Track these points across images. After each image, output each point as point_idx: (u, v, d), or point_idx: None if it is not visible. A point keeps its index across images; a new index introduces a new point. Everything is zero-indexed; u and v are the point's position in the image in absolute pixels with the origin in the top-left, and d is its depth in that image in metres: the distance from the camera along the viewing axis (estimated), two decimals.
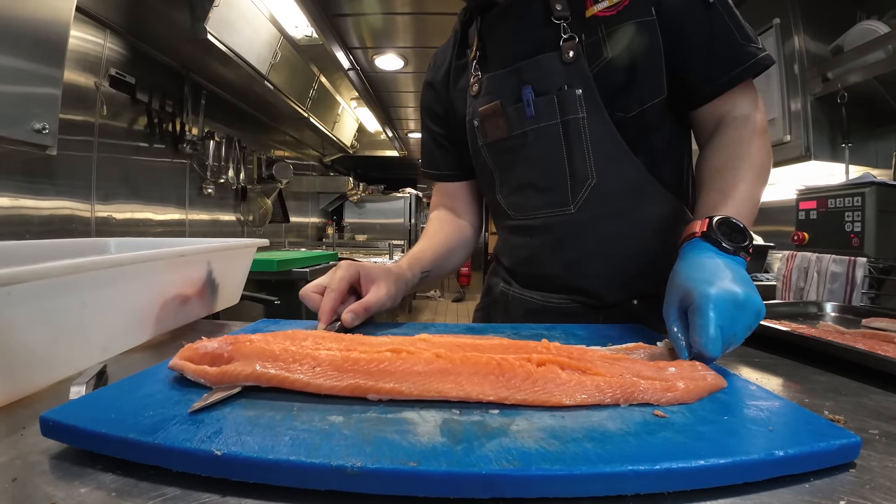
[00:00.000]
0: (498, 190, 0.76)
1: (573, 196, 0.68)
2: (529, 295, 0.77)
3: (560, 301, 0.73)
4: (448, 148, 0.86)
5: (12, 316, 0.39)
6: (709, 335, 0.41)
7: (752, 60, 0.63)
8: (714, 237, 0.50)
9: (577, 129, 0.66)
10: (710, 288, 0.43)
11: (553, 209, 0.70)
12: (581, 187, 0.68)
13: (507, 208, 0.76)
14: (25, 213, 1.49)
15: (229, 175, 2.65)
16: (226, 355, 0.39)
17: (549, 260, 0.73)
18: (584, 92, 0.64)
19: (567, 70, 0.64)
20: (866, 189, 1.29)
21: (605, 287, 0.70)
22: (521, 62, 0.68)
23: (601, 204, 0.68)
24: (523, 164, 0.71)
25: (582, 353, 0.42)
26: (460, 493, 0.26)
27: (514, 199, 0.75)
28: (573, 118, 0.65)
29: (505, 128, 0.70)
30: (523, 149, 0.70)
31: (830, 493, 0.26)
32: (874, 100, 1.58)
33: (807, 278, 1.39)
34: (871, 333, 0.62)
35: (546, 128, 0.67)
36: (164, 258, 0.60)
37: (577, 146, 0.66)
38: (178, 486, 0.27)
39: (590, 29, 0.64)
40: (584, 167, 0.67)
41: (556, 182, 0.69)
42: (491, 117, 0.71)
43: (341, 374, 0.36)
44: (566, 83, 0.65)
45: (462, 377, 0.36)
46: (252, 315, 1.82)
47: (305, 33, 2.39)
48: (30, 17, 1.15)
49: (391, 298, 0.62)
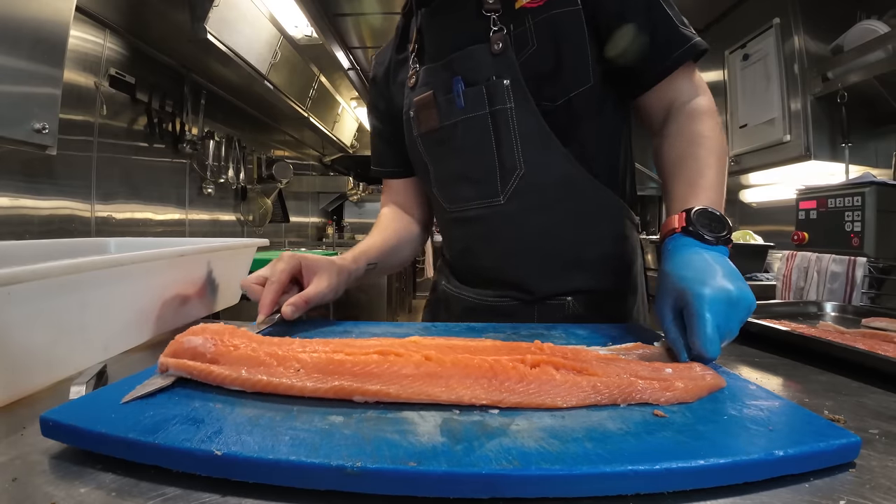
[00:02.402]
0: (433, 183, 0.77)
1: (502, 187, 0.69)
2: (466, 293, 0.78)
3: (494, 299, 0.74)
4: (393, 144, 0.86)
5: (12, 316, 0.39)
6: (707, 336, 0.41)
7: (689, 43, 0.64)
8: (694, 230, 0.50)
9: (504, 119, 0.67)
10: (703, 288, 0.43)
11: (483, 200, 0.71)
12: (510, 178, 0.68)
13: (442, 201, 0.77)
14: (25, 213, 1.49)
15: (229, 175, 2.65)
16: (208, 355, 0.38)
17: (482, 252, 0.74)
18: (511, 82, 0.65)
19: (495, 61, 0.66)
20: (866, 189, 1.29)
21: (535, 280, 0.71)
22: (453, 54, 0.69)
23: (530, 195, 0.68)
24: (455, 156, 0.72)
25: (576, 354, 0.42)
26: (460, 493, 0.26)
27: (447, 192, 0.75)
28: (501, 108, 0.66)
29: (436, 118, 0.71)
30: (454, 140, 0.71)
31: (830, 493, 0.26)
32: (874, 100, 1.58)
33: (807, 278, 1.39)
34: (871, 333, 0.62)
35: (475, 118, 0.68)
36: (164, 258, 0.60)
37: (505, 137, 0.67)
38: (178, 486, 0.27)
39: (518, 20, 0.66)
40: (513, 158, 0.67)
41: (486, 173, 0.69)
42: (424, 108, 0.72)
43: (326, 376, 0.36)
44: (494, 74, 0.66)
45: (453, 380, 0.35)
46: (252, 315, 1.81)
47: (305, 33, 2.39)
48: (30, 17, 1.15)
49: (332, 290, 0.63)
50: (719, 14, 2.21)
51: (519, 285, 0.72)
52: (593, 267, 0.71)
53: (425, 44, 0.75)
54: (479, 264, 0.75)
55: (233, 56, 1.98)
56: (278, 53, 2.31)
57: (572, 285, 0.71)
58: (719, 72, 2.20)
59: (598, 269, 0.72)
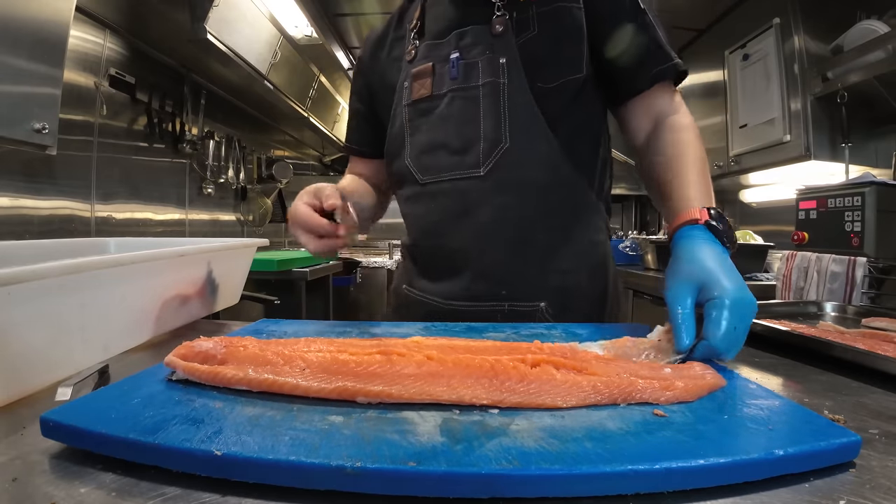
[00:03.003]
0: (407, 153, 0.76)
1: (484, 158, 0.69)
2: (430, 296, 0.75)
3: (460, 303, 0.72)
4: (370, 122, 0.87)
5: (12, 316, 0.39)
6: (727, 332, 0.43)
7: (672, 62, 0.69)
8: (716, 227, 0.52)
9: (496, 93, 0.69)
10: (732, 285, 0.46)
11: (462, 171, 0.70)
12: (493, 150, 0.69)
13: (415, 170, 0.75)
14: (25, 213, 1.49)
15: (229, 175, 2.65)
16: (219, 356, 0.39)
17: (453, 229, 0.72)
18: (507, 61, 0.68)
19: (495, 41, 0.69)
20: (866, 189, 1.29)
21: (504, 267, 0.70)
22: (455, 31, 0.72)
23: (511, 170, 0.68)
24: (438, 125, 0.73)
25: (576, 353, 0.42)
26: (460, 493, 0.26)
27: (423, 160, 0.74)
28: (494, 82, 0.69)
29: (429, 87, 0.73)
30: (441, 109, 0.72)
31: (830, 493, 0.26)
32: (874, 100, 1.58)
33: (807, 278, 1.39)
34: (871, 333, 0.62)
35: (467, 89, 0.70)
36: (164, 258, 0.60)
37: (493, 110, 0.69)
38: (178, 486, 0.27)
39: (521, 9, 0.69)
40: (499, 131, 0.69)
41: (469, 143, 0.70)
42: (420, 77, 0.75)
43: (330, 376, 0.36)
44: (492, 52, 0.69)
45: (454, 380, 0.35)
46: (252, 315, 1.82)
47: (305, 33, 2.39)
48: (30, 17, 1.15)
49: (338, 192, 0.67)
50: (719, 14, 2.21)
51: (486, 274, 0.70)
52: (567, 262, 0.71)
53: (427, 23, 0.78)
54: (447, 245, 0.73)
55: (233, 56, 1.98)
56: (278, 53, 2.31)
57: (546, 283, 0.70)
58: (719, 72, 2.20)
59: (572, 265, 0.71)
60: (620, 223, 3.60)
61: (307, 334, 0.54)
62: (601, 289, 0.75)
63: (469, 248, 0.71)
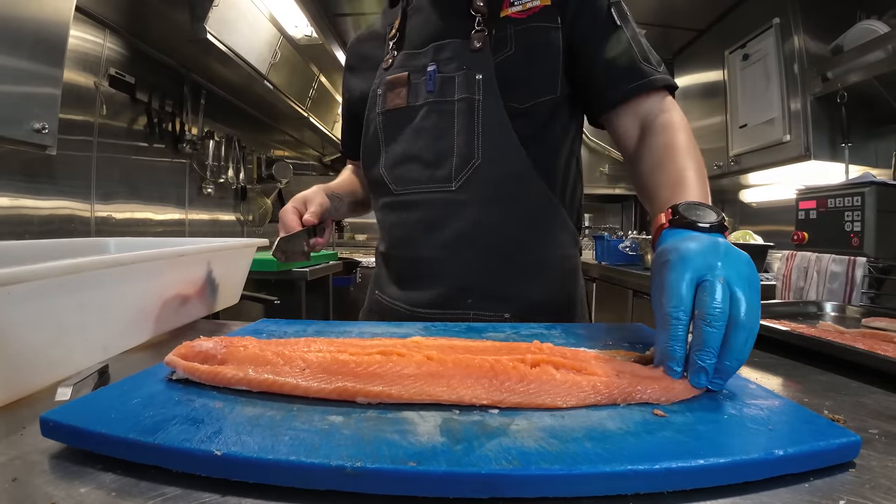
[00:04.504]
0: (382, 163, 0.77)
1: (456, 173, 0.70)
2: (400, 303, 0.76)
3: (427, 312, 0.72)
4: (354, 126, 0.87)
5: (12, 316, 0.39)
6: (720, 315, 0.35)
7: (647, 78, 0.68)
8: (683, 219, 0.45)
9: (471, 109, 0.69)
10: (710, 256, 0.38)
11: (435, 185, 0.71)
12: (465, 165, 0.69)
13: (388, 181, 0.76)
14: (25, 213, 1.49)
15: (229, 175, 2.65)
16: (219, 356, 0.39)
17: (424, 239, 0.73)
18: (483, 77, 0.69)
19: (472, 56, 0.70)
20: (866, 189, 1.29)
21: (471, 278, 0.70)
22: (434, 43, 0.73)
23: (482, 186, 0.69)
24: (412, 137, 0.73)
25: (575, 353, 0.42)
26: (460, 493, 0.26)
27: (396, 172, 0.75)
28: (469, 98, 0.69)
29: (405, 98, 0.74)
30: (416, 121, 0.73)
31: (830, 493, 0.26)
32: (874, 100, 1.58)
33: (806, 278, 1.39)
34: (871, 333, 0.62)
35: (442, 103, 0.71)
36: (164, 258, 0.60)
37: (468, 125, 0.69)
38: (178, 486, 0.27)
39: (500, 26, 0.70)
40: (472, 147, 0.69)
41: (441, 157, 0.71)
42: (395, 86, 0.75)
43: (330, 376, 0.36)
44: (469, 67, 0.70)
45: (454, 380, 0.35)
46: (252, 315, 1.82)
47: (305, 33, 2.39)
48: (30, 17, 1.15)
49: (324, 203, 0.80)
50: (719, 14, 2.21)
51: (453, 284, 0.71)
52: (532, 275, 0.72)
53: (406, 32, 0.78)
54: (418, 255, 0.74)
55: (233, 56, 1.98)
56: (278, 53, 2.31)
57: (511, 294, 0.71)
58: (719, 72, 2.20)
59: (538, 278, 0.73)
60: (620, 223, 3.61)
61: (307, 334, 0.54)
62: (567, 301, 0.76)
63: (438, 259, 0.72)
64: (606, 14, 0.69)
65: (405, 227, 0.75)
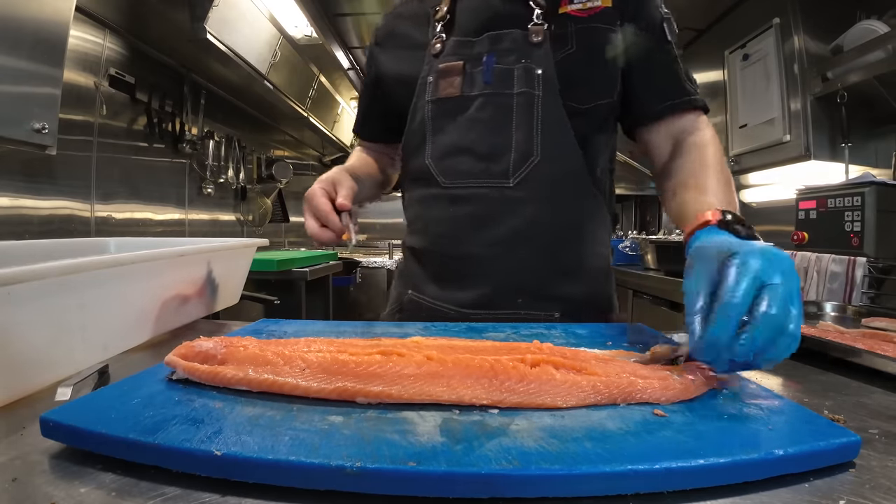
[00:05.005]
0: (428, 153, 0.74)
1: (514, 170, 0.68)
2: (442, 304, 0.73)
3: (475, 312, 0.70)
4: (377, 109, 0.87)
5: (12, 316, 0.39)
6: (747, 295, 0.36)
7: (688, 97, 0.71)
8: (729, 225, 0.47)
9: (530, 104, 0.68)
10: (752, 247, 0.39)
11: (490, 179, 0.69)
12: (524, 162, 0.68)
13: (436, 173, 0.73)
14: (25, 213, 1.49)
15: (229, 175, 2.65)
16: (219, 356, 0.39)
17: (473, 236, 0.70)
18: (544, 73, 0.67)
19: (532, 49, 0.68)
20: (866, 189, 1.29)
21: (523, 276, 0.69)
22: (490, 33, 0.70)
23: (540, 184, 0.68)
24: (465, 128, 0.71)
25: (575, 353, 0.42)
26: (460, 493, 0.26)
27: (446, 163, 0.72)
28: (528, 93, 0.68)
29: (459, 87, 0.71)
30: (469, 112, 0.71)
31: (830, 493, 0.26)
32: (874, 100, 1.58)
33: (806, 278, 1.39)
34: (871, 333, 0.62)
35: (499, 96, 0.69)
36: (164, 258, 0.60)
37: (526, 121, 0.68)
38: (178, 486, 0.27)
39: (559, 23, 0.69)
40: (531, 143, 0.68)
41: (498, 152, 0.69)
42: (448, 75, 0.72)
43: (330, 376, 0.36)
44: (529, 60, 0.68)
45: (454, 380, 0.35)
46: (252, 315, 1.81)
47: (305, 33, 2.38)
48: (30, 17, 1.15)
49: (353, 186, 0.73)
50: (719, 14, 2.21)
51: (504, 283, 0.69)
52: (580, 273, 0.72)
53: (457, 17, 0.75)
54: (465, 252, 0.71)
55: (233, 56, 1.98)
56: (278, 53, 2.31)
57: (561, 292, 0.70)
58: (719, 72, 2.20)
59: (585, 276, 0.73)
60: (620, 223, 3.60)
61: (307, 334, 0.54)
62: (607, 300, 0.77)
63: (488, 257, 0.70)
64: (659, 28, 0.70)
65: (452, 223, 0.72)
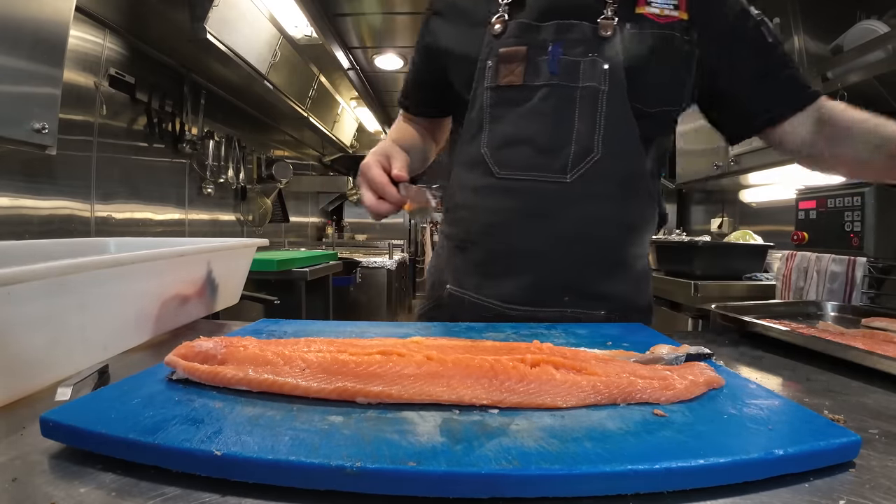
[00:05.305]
0: (485, 142, 0.71)
1: (573, 165, 0.66)
2: (486, 298, 0.71)
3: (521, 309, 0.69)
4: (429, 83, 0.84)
5: (12, 316, 0.39)
6: None
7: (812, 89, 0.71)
8: None
9: (594, 99, 0.66)
10: None
11: (547, 173, 0.67)
12: (583, 158, 0.66)
13: (491, 162, 0.70)
14: (25, 213, 1.49)
15: (229, 175, 2.65)
16: (219, 356, 0.39)
17: (523, 229, 0.69)
18: (611, 68, 0.65)
19: (601, 43, 0.66)
20: (866, 189, 1.29)
21: (572, 274, 0.68)
22: (559, 20, 0.67)
23: (598, 181, 0.67)
24: (526, 118, 0.68)
25: (575, 353, 0.42)
26: (460, 493, 0.26)
27: (502, 154, 0.70)
28: (593, 87, 0.66)
29: (521, 75, 0.68)
30: (531, 102, 0.68)
31: (830, 493, 0.26)
32: (874, 100, 1.58)
33: (806, 278, 1.39)
34: (871, 333, 0.62)
35: (564, 88, 0.66)
36: (164, 258, 0.60)
37: (589, 116, 0.66)
38: (178, 486, 0.27)
39: (634, 22, 0.67)
40: (592, 139, 0.66)
41: (558, 145, 0.67)
42: (510, 61, 0.69)
43: (330, 376, 0.36)
44: (597, 54, 0.66)
45: (454, 380, 0.35)
46: (252, 315, 1.81)
47: (305, 33, 2.39)
48: (30, 17, 1.15)
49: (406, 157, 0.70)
50: None
51: (552, 279, 0.68)
52: (627, 272, 0.72)
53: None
54: (513, 244, 0.69)
55: (233, 56, 1.98)
56: (278, 53, 2.31)
57: (608, 292, 0.70)
58: None
59: (631, 275, 0.73)
60: None
61: (307, 334, 0.54)
62: (648, 300, 0.77)
63: (537, 251, 0.68)
64: (757, 33, 0.69)
65: (503, 214, 0.70)
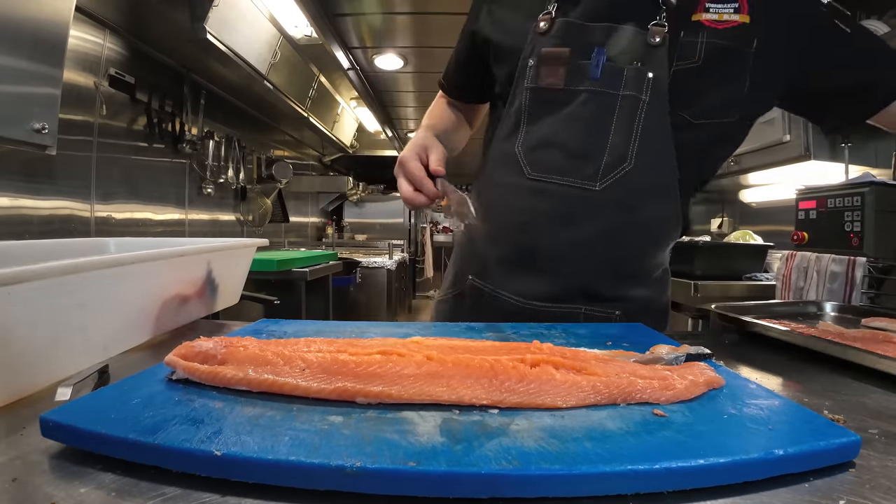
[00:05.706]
0: (519, 141, 0.71)
1: (604, 174, 0.66)
2: (507, 294, 0.72)
3: (538, 304, 0.70)
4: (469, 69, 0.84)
5: (12, 316, 0.39)
6: None
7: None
8: None
9: (633, 109, 0.64)
10: None
11: (577, 179, 0.67)
12: (615, 167, 0.65)
13: (524, 163, 0.70)
14: (25, 213, 1.49)
15: (229, 175, 2.65)
16: (219, 356, 0.39)
17: (550, 231, 0.69)
18: (655, 77, 0.63)
19: (648, 51, 0.64)
20: (866, 189, 1.29)
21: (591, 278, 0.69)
22: (606, 23, 0.66)
23: (627, 192, 0.66)
24: (562, 122, 0.68)
25: (575, 354, 0.42)
26: (460, 493, 0.26)
27: (536, 155, 0.69)
28: (635, 96, 0.64)
29: (562, 77, 0.67)
30: (570, 106, 0.67)
31: (830, 493, 0.26)
32: None
33: (806, 278, 1.39)
34: (871, 333, 0.62)
35: (603, 94, 0.65)
36: (164, 258, 0.60)
37: (626, 126, 0.65)
38: (178, 486, 0.27)
39: (689, 30, 0.64)
40: (626, 150, 0.65)
41: (591, 153, 0.66)
42: (552, 62, 0.67)
43: (330, 376, 0.36)
44: (641, 62, 0.64)
45: (454, 380, 0.35)
46: (252, 315, 1.81)
47: (305, 33, 2.39)
48: (30, 17, 1.15)
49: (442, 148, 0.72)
50: None
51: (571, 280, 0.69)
52: (646, 278, 0.72)
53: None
54: (539, 244, 0.69)
55: (232, 56, 1.98)
56: (278, 53, 2.31)
57: (625, 294, 0.70)
58: None
59: (649, 281, 0.73)
60: None
61: (307, 334, 0.54)
62: (665, 303, 0.77)
63: (561, 253, 0.69)
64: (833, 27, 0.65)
65: (530, 214, 0.70)
